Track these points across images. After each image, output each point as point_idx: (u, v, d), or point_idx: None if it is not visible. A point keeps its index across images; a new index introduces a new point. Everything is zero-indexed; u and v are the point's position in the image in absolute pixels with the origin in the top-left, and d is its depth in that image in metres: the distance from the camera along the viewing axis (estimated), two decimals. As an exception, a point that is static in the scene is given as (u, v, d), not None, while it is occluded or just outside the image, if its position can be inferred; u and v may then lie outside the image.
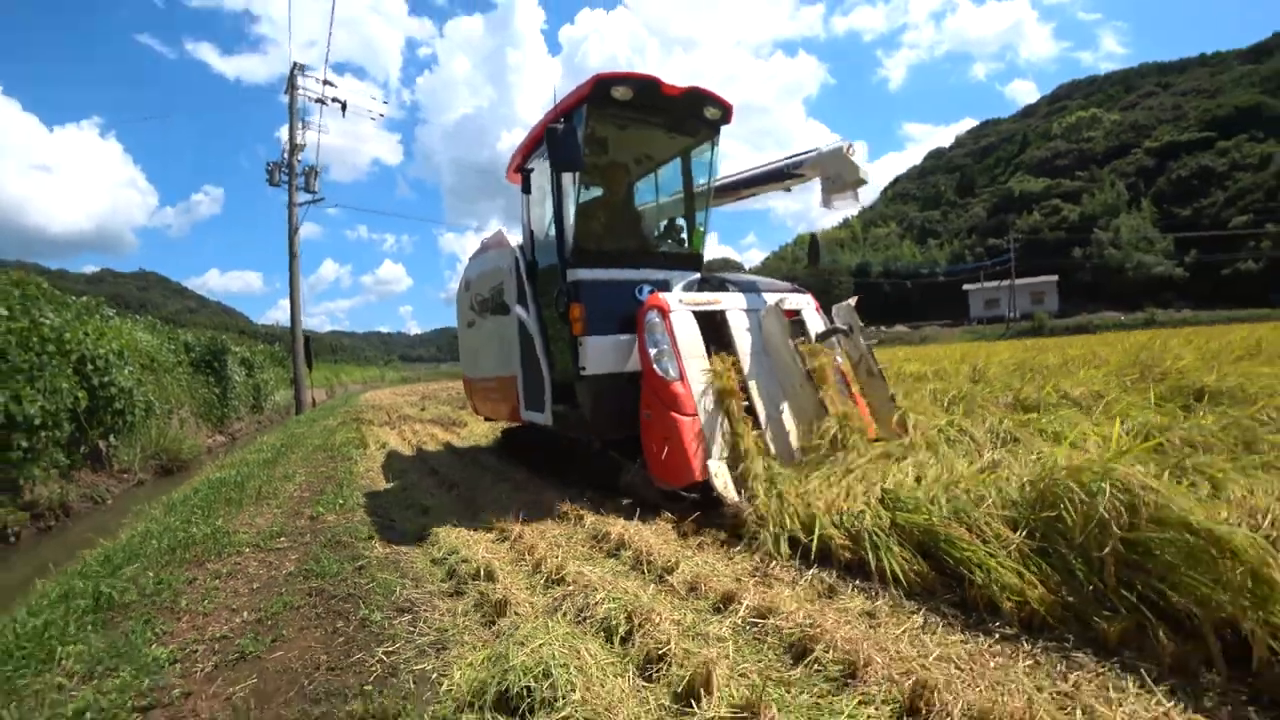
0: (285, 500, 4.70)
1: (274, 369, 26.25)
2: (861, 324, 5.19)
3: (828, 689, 1.85)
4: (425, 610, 2.45)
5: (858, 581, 2.62)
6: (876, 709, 1.72)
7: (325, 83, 19.87)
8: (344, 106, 20.52)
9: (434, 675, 1.96)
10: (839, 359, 5.08)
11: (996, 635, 2.11)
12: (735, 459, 4.00)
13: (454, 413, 12.93)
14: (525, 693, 1.73)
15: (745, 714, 1.69)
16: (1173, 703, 1.63)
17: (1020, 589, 2.19)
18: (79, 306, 10.63)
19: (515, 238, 6.07)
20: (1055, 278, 59.70)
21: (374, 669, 2.02)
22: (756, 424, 4.37)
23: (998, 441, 4.19)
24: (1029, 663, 1.92)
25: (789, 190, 6.42)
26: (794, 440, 4.40)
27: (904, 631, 2.17)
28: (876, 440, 4.29)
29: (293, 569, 3.05)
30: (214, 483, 5.75)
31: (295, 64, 19.18)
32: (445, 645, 2.14)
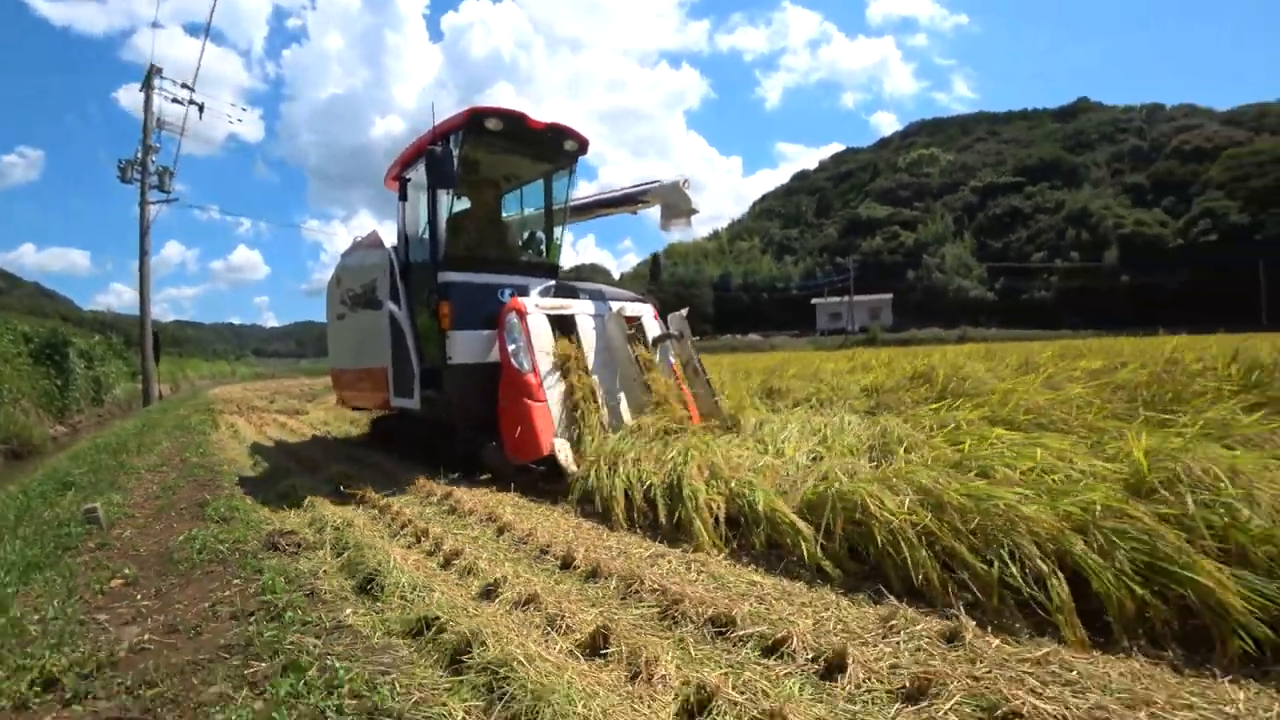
0: (159, 454, 7.20)
1: (114, 362, 26.26)
2: (691, 331, 6.28)
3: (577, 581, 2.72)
4: (250, 491, 5.33)
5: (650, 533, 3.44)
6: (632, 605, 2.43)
7: (183, 85, 21.00)
8: (201, 109, 21.68)
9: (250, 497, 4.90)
10: (672, 359, 6.12)
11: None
12: (577, 438, 4.86)
13: (297, 404, 15.20)
14: (374, 575, 2.64)
15: (527, 601, 2.47)
16: (837, 595, 2.44)
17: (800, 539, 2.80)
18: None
19: (389, 237, 6.67)
20: (890, 296, 68.55)
21: (222, 490, 4.90)
22: (598, 409, 5.19)
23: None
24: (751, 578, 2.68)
25: (635, 213, 7.62)
26: (628, 422, 5.29)
27: (675, 564, 2.94)
28: (700, 426, 5.15)
29: (175, 476, 5.80)
30: (99, 445, 8.11)
31: (152, 66, 20.23)
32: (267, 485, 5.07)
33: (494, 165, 6.68)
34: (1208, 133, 67.99)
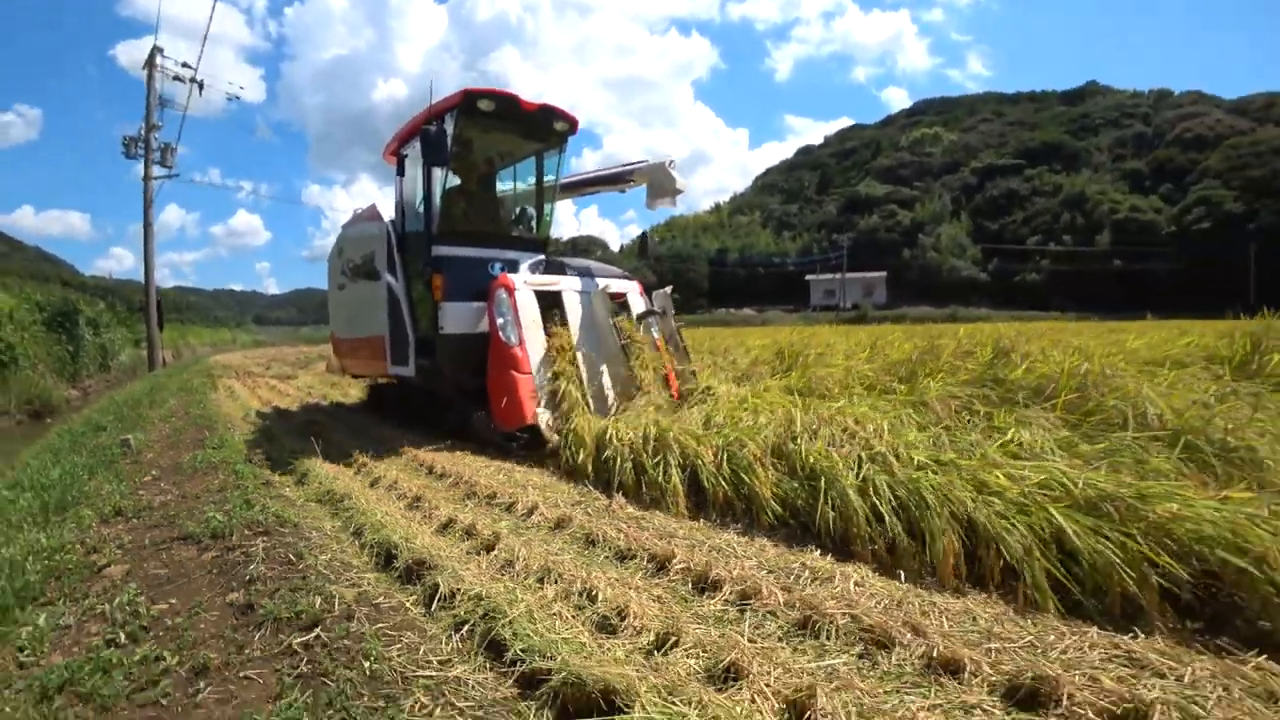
0: (168, 409, 8.94)
1: (119, 329, 28.03)
2: (674, 308, 6.62)
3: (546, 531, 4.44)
4: (236, 432, 7.05)
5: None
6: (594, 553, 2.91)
7: (184, 64, 22.40)
8: (201, 86, 23.07)
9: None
10: (655, 334, 6.37)
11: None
12: (560, 409, 5.12)
13: (291, 370, 16.95)
14: (416, 567, 2.74)
15: (491, 539, 2.99)
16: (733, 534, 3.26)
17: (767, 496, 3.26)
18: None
19: (387, 210, 6.95)
20: (884, 274, 69.73)
21: (217, 431, 6.60)
22: (580, 382, 5.45)
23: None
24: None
25: (624, 192, 7.83)
26: (610, 396, 5.65)
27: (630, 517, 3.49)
28: (680, 398, 5.53)
29: (182, 423, 7.52)
30: (119, 402, 9.89)
31: (155, 46, 21.62)
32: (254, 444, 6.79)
33: (487, 144, 7.01)
34: (1210, 121, 68.28)
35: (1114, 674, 1.73)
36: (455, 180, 6.85)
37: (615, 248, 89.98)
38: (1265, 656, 1.84)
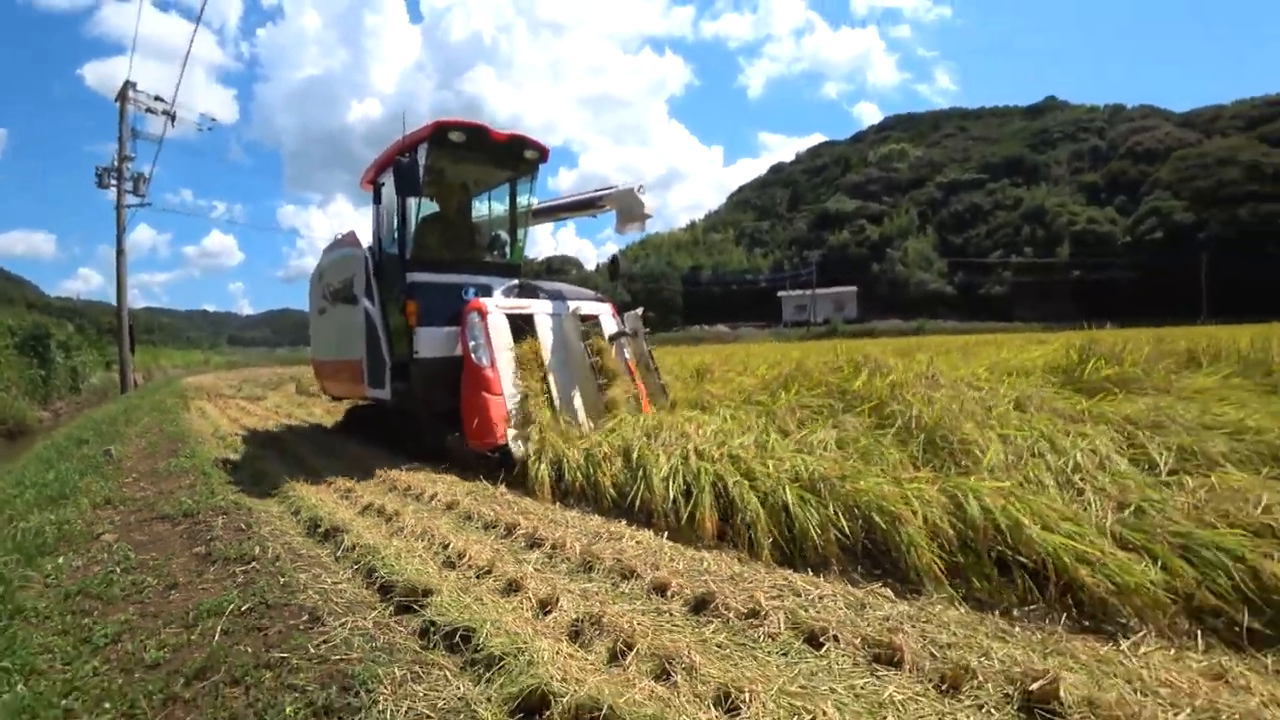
0: (143, 426, 9.79)
1: (90, 351, 28.52)
2: (647, 328, 6.80)
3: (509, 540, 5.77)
4: (205, 445, 7.98)
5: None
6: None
7: (156, 98, 23.25)
8: (173, 118, 23.92)
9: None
10: (627, 354, 6.56)
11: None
12: (531, 429, 5.26)
13: (261, 392, 17.75)
14: (416, 592, 2.74)
15: (394, 514, 3.89)
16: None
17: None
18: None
19: (366, 235, 7.24)
20: (854, 289, 71.76)
21: (188, 445, 7.53)
22: (552, 403, 5.64)
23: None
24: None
25: (594, 216, 8.03)
26: (581, 416, 5.79)
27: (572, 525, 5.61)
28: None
29: (156, 438, 8.42)
30: (97, 420, 10.73)
31: (128, 81, 22.47)
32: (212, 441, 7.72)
33: (459, 173, 7.19)
34: (1160, 134, 71.56)
35: (765, 593, 2.68)
36: (430, 208, 7.08)
37: (591, 267, 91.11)
38: (882, 583, 2.76)
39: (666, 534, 3.59)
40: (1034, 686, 1.81)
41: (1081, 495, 3.21)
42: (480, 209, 7.85)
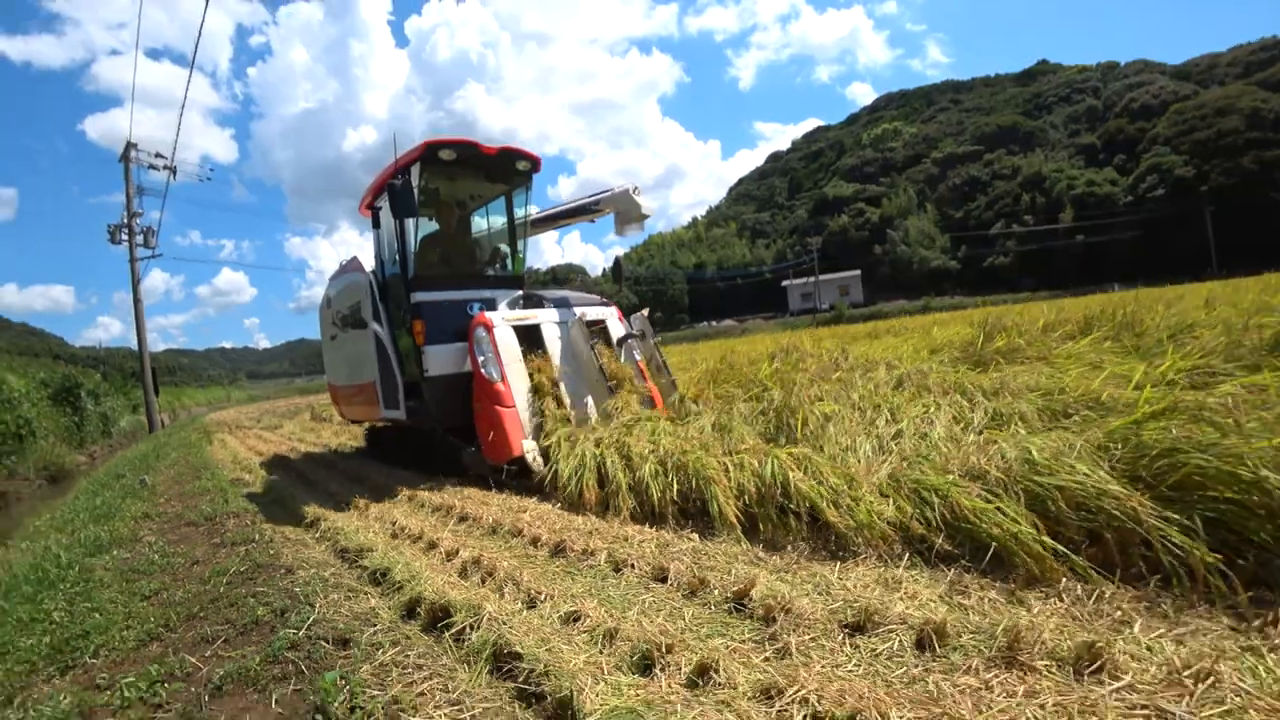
0: (171, 459, 11.11)
1: (117, 397, 30.28)
2: (653, 329, 6.91)
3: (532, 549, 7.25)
4: (225, 470, 9.24)
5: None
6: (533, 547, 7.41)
7: (157, 155, 24.86)
8: (174, 172, 25.51)
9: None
10: (637, 356, 6.61)
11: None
12: (545, 439, 5.35)
13: (279, 421, 19.13)
14: (445, 613, 2.78)
15: (364, 508, 5.20)
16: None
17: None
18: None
19: (369, 260, 7.38)
20: (858, 272, 72.16)
21: (211, 471, 8.78)
22: (564, 411, 5.70)
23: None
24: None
25: (593, 221, 8.09)
26: (594, 420, 5.81)
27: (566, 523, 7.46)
28: (659, 413, 5.83)
29: (183, 468, 9.71)
30: (130, 458, 12.10)
31: (129, 143, 24.08)
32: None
33: (454, 190, 7.35)
34: (1154, 89, 71.17)
35: (603, 540, 3.73)
36: (429, 227, 7.22)
37: (597, 273, 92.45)
38: (699, 537, 3.75)
39: (566, 506, 4.61)
40: (738, 588, 2.74)
41: (888, 455, 4.09)
42: (479, 224, 8.01)
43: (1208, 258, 55.01)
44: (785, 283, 75.15)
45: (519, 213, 7.51)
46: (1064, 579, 2.52)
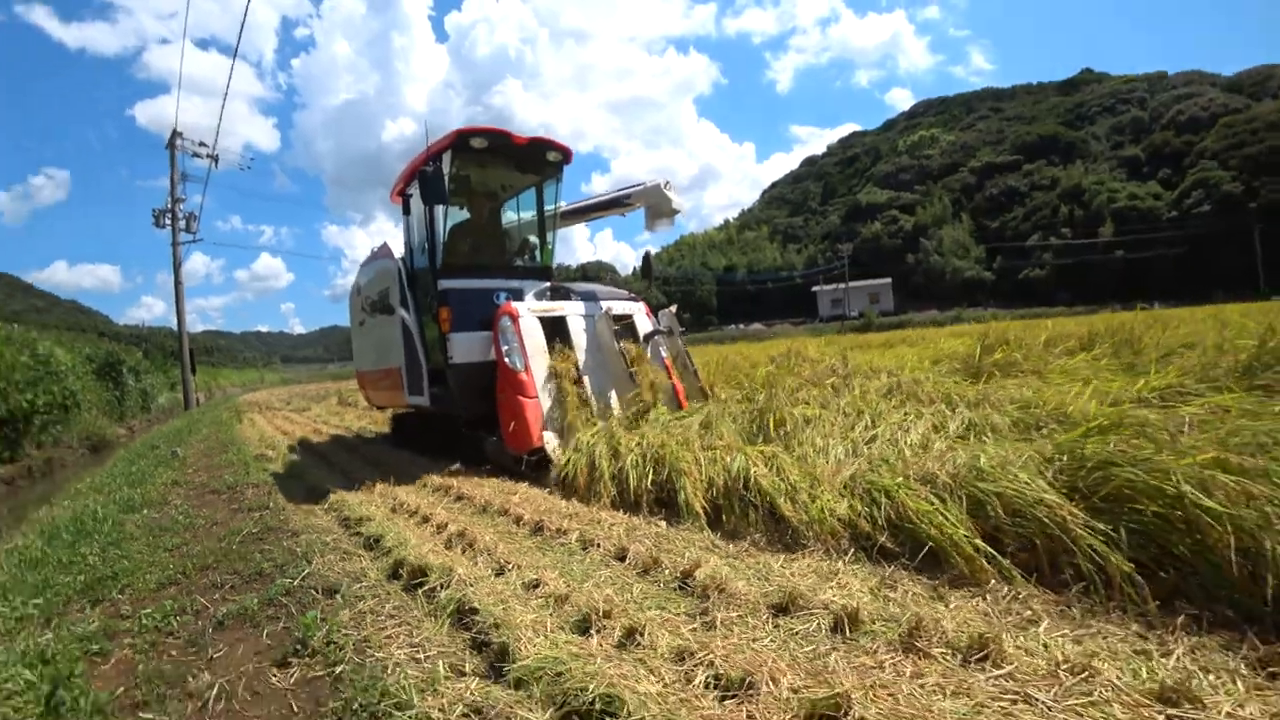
0: (202, 435, 11.72)
1: (156, 374, 31.52)
2: (680, 327, 6.88)
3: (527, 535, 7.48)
4: (251, 445, 9.76)
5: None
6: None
7: (200, 144, 25.84)
8: (216, 160, 26.45)
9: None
10: (663, 352, 6.61)
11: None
12: (566, 430, 5.40)
13: (307, 404, 19.84)
14: (422, 573, 3.05)
15: (372, 487, 5.47)
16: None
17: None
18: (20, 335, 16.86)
19: (399, 247, 7.37)
20: (889, 280, 71.43)
21: (237, 446, 9.30)
22: (587, 404, 5.71)
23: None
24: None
25: (624, 215, 8.01)
26: (616, 415, 5.83)
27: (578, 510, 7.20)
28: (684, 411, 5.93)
29: (212, 443, 10.27)
30: (165, 433, 12.77)
31: (175, 131, 25.10)
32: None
33: (484, 179, 7.31)
34: (1204, 101, 69.10)
35: (579, 523, 4.09)
36: (459, 216, 7.21)
37: (628, 271, 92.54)
38: (666, 524, 4.11)
39: (558, 491, 4.92)
40: (684, 569, 3.02)
41: (859, 458, 4.29)
42: (508, 214, 7.95)
43: (1255, 276, 53.34)
44: (815, 288, 74.75)
45: (548, 204, 7.48)
46: (992, 580, 2.71)
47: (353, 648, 2.32)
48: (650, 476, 4.36)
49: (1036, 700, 1.85)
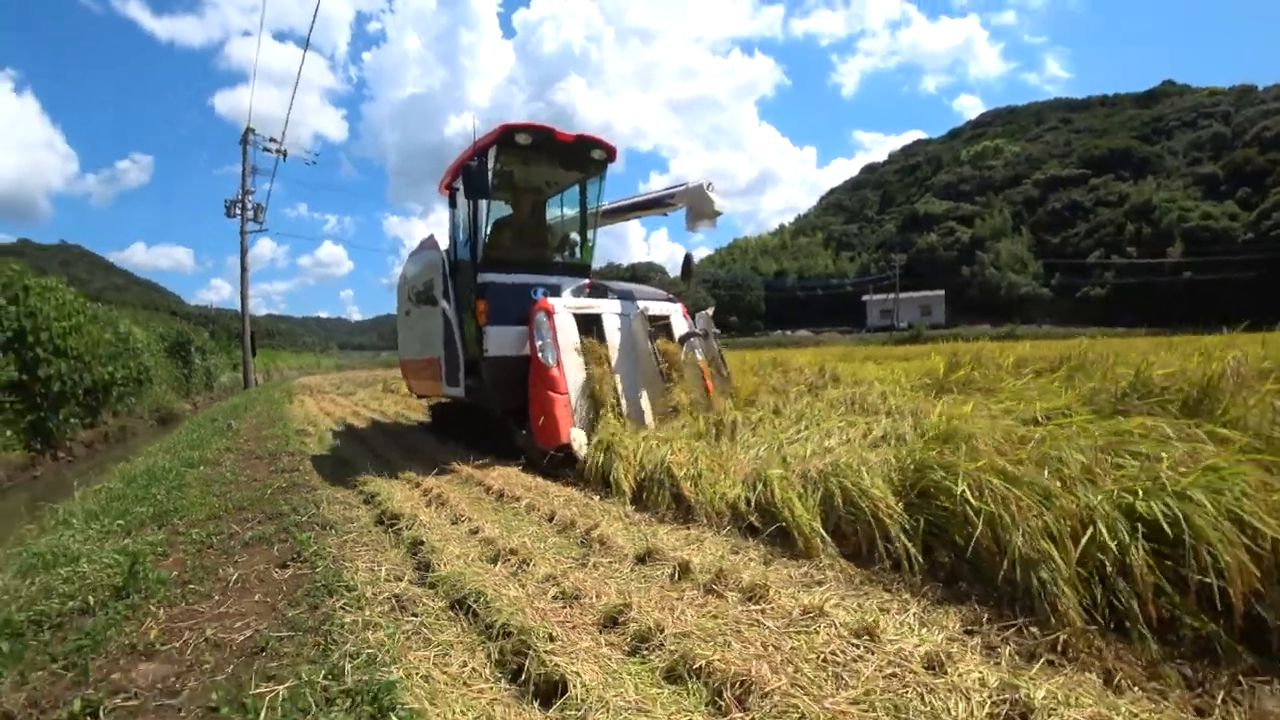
0: (255, 412, 13.22)
1: (221, 354, 34.11)
2: (717, 330, 7.00)
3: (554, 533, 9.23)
4: (294, 422, 11.14)
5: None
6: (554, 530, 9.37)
7: (271, 139, 27.99)
8: (284, 154, 28.54)
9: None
10: (698, 355, 6.71)
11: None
12: (595, 428, 5.56)
13: (353, 389, 21.50)
14: (396, 518, 4.10)
15: (394, 465, 9.19)
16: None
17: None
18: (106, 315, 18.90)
19: (444, 240, 7.48)
20: (941, 292, 70.09)
21: (283, 422, 10.67)
22: (618, 403, 5.80)
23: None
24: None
25: (666, 215, 8.09)
26: (648, 417, 6.01)
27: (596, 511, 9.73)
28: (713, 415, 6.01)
29: (264, 419, 11.71)
30: (224, 408, 14.41)
31: (248, 128, 27.28)
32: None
33: (528, 175, 7.37)
34: (1293, 117, 65.55)
35: (579, 511, 5.09)
36: (502, 210, 7.33)
37: (678, 272, 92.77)
38: (599, 498, 5.15)
39: (585, 489, 5.34)
40: (589, 527, 3.98)
41: (777, 454, 5.15)
42: (551, 210, 8.04)
43: (1337, 305, 50.41)
44: (865, 297, 73.82)
45: (591, 202, 7.57)
46: (821, 555, 3.48)
47: (330, 559, 3.37)
48: (600, 460, 5.27)
49: (765, 625, 2.63)
